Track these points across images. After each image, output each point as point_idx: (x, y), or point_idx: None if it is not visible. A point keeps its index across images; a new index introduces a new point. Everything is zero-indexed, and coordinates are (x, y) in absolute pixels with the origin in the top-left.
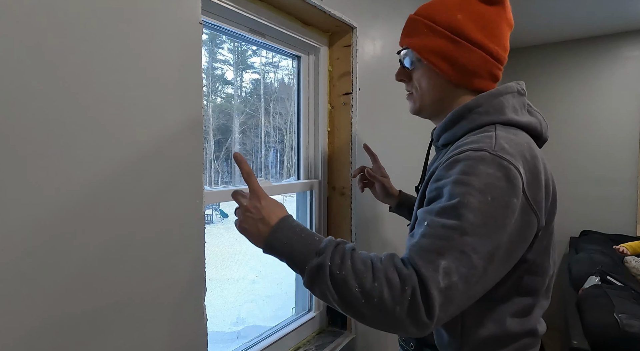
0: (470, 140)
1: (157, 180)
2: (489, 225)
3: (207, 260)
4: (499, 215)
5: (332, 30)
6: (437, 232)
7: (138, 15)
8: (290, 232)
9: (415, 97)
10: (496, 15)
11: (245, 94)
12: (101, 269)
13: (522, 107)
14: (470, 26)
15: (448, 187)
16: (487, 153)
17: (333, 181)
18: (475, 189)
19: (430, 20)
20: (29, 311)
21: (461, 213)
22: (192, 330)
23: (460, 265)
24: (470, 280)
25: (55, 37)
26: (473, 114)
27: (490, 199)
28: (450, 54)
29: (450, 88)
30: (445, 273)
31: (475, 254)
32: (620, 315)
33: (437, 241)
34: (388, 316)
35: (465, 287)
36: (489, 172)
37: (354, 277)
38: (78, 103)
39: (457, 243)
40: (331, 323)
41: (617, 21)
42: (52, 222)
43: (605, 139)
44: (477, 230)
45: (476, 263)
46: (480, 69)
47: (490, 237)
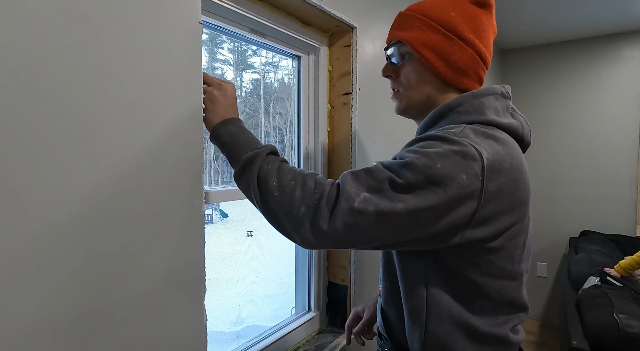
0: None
1: (157, 180)
2: (428, 189)
3: (207, 260)
4: (442, 183)
5: (332, 30)
6: (377, 174)
7: (138, 15)
8: (238, 127)
9: (402, 94)
10: (485, 18)
11: (245, 94)
12: (101, 269)
13: (504, 110)
14: (463, 25)
15: (402, 152)
16: (449, 135)
17: None
18: (425, 154)
19: (424, 15)
20: (28, 311)
21: (404, 173)
22: (192, 330)
23: (381, 203)
24: (385, 219)
25: (54, 37)
26: (453, 113)
27: (439, 166)
28: (443, 49)
29: (439, 86)
30: (365, 200)
31: (402, 203)
32: (620, 315)
33: (372, 180)
34: (292, 215)
35: (377, 222)
36: (445, 147)
37: (276, 173)
38: (77, 103)
39: (389, 192)
40: (331, 323)
41: (617, 21)
42: (52, 221)
43: (606, 139)
44: (413, 190)
45: (399, 210)
46: (470, 68)
47: (424, 198)
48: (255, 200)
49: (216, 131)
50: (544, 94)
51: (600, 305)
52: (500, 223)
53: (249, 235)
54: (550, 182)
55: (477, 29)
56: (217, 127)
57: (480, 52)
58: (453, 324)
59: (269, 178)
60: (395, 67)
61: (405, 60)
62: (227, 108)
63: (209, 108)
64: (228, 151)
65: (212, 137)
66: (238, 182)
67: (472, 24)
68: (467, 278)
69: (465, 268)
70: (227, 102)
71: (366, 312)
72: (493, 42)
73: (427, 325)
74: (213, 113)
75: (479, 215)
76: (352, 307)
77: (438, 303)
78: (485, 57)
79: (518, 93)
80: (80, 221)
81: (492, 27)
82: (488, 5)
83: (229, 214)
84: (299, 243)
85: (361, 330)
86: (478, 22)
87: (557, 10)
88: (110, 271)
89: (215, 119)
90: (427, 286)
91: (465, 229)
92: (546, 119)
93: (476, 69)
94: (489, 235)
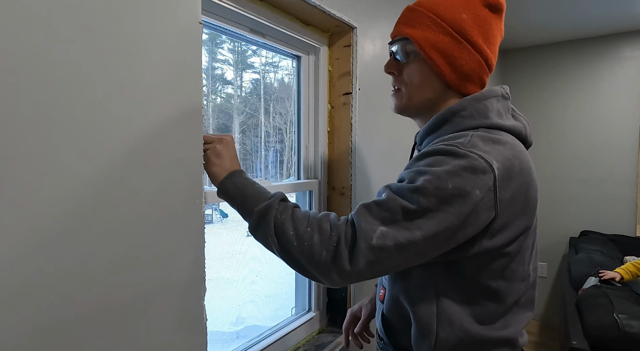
0: (445, 137)
1: (157, 180)
2: (442, 210)
3: (207, 260)
4: (455, 202)
5: (332, 30)
6: (389, 204)
7: (138, 15)
8: (243, 179)
9: (403, 93)
10: (495, 22)
11: (245, 94)
12: (100, 269)
13: (506, 111)
14: (473, 28)
15: (412, 173)
16: (457, 148)
17: (333, 181)
18: (436, 175)
19: (435, 14)
20: (28, 312)
21: (416, 198)
22: (192, 330)
23: (399, 235)
24: (405, 250)
25: (54, 37)
26: (457, 118)
27: (450, 187)
28: (451, 53)
29: (442, 89)
30: (382, 235)
31: (419, 231)
32: (620, 315)
33: (385, 212)
34: (315, 260)
35: (398, 254)
36: (454, 163)
37: (291, 222)
38: (77, 103)
39: (404, 222)
40: (331, 323)
41: (617, 21)
42: (53, 221)
43: (606, 139)
44: (427, 213)
45: (417, 239)
46: (475, 73)
47: (440, 220)
48: (275, 251)
49: (223, 185)
50: (544, 94)
51: (600, 305)
52: (516, 228)
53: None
54: (550, 182)
55: (487, 33)
56: (223, 181)
57: (487, 58)
58: (465, 330)
59: (286, 228)
60: (399, 64)
61: (410, 59)
62: (231, 160)
63: (214, 162)
64: (238, 204)
65: (219, 192)
66: (255, 235)
67: (482, 28)
68: (481, 283)
69: (480, 274)
70: (230, 154)
71: (363, 311)
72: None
73: (438, 332)
74: (219, 168)
75: (496, 225)
76: None
77: (449, 310)
78: (491, 63)
79: (518, 93)
80: (81, 221)
81: (501, 31)
82: (499, 10)
83: (229, 214)
84: (327, 284)
85: (360, 331)
86: (488, 27)
87: (557, 10)
88: (110, 271)
89: (222, 173)
90: (437, 294)
91: (483, 239)
92: (546, 119)
93: (481, 75)
94: (505, 241)
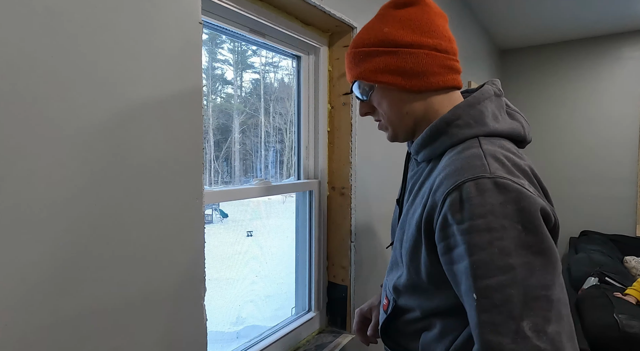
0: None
1: (157, 180)
2: (537, 253)
3: (207, 260)
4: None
5: (332, 30)
6: (494, 297)
7: (138, 15)
8: None
9: (385, 122)
10: (421, 13)
11: (245, 94)
12: (101, 269)
13: (501, 110)
14: (400, 32)
15: (466, 237)
16: (486, 179)
17: (333, 181)
18: (499, 229)
19: (362, 46)
20: (28, 311)
21: (503, 264)
22: (192, 330)
23: (541, 311)
24: (560, 315)
25: (54, 37)
26: (453, 128)
27: (520, 227)
28: (393, 65)
29: (412, 97)
30: (536, 331)
31: (546, 290)
32: (620, 315)
33: (502, 307)
34: None
35: (561, 323)
36: (499, 201)
37: None
38: (77, 103)
39: (521, 294)
40: (331, 323)
41: (617, 21)
42: (52, 221)
43: (605, 139)
44: (530, 268)
45: (552, 296)
46: (430, 65)
47: (548, 262)
48: None
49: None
50: (544, 94)
51: (600, 305)
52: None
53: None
54: (550, 182)
55: (418, 27)
56: None
57: (433, 47)
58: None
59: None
60: (366, 103)
61: (371, 94)
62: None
63: None
64: None
65: None
66: None
67: (409, 26)
68: None
69: None
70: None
71: (374, 314)
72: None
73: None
74: None
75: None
76: (352, 307)
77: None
78: (443, 47)
79: (517, 93)
80: (81, 221)
81: (435, 14)
82: (415, 2)
83: (229, 214)
84: None
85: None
86: (415, 21)
87: (557, 10)
88: (109, 271)
89: None
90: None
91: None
92: (546, 119)
93: (439, 63)
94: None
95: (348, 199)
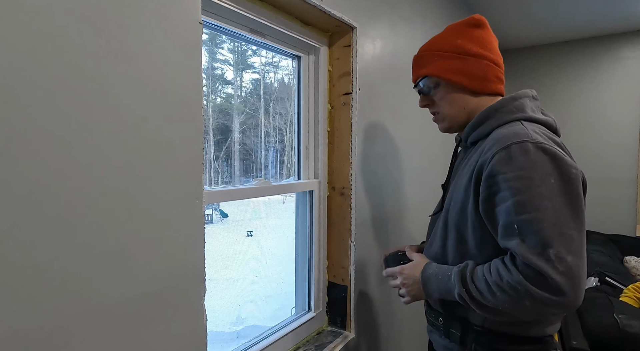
0: (503, 133)
1: (157, 180)
2: (566, 201)
3: (207, 260)
4: (568, 189)
5: (332, 30)
6: (531, 228)
7: (138, 15)
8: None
9: (443, 114)
10: (484, 33)
11: (245, 94)
12: (101, 269)
13: (537, 109)
14: (470, 45)
15: (511, 183)
16: (528, 143)
17: (333, 181)
18: (538, 179)
19: (437, 50)
20: (28, 311)
21: (539, 205)
22: (192, 330)
23: (567, 245)
24: (580, 254)
25: (53, 36)
26: (499, 113)
27: (553, 181)
28: (462, 67)
29: (470, 96)
30: (558, 257)
31: (572, 230)
32: (620, 315)
33: (535, 236)
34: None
35: (581, 260)
36: (539, 160)
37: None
38: (77, 103)
39: (550, 228)
40: (331, 323)
41: (617, 21)
42: (52, 221)
43: (606, 139)
44: (559, 211)
45: (576, 236)
46: (489, 74)
47: (573, 210)
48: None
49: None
50: (544, 94)
51: (600, 305)
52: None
53: (249, 235)
54: None
55: (482, 43)
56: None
57: (492, 59)
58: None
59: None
60: (428, 97)
61: (435, 89)
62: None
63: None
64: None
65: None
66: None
67: (477, 42)
68: None
69: None
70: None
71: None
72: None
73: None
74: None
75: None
76: (352, 307)
77: None
78: (497, 62)
79: None
80: (81, 221)
81: (492, 37)
82: (482, 24)
83: (229, 214)
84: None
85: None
86: (481, 39)
87: (557, 10)
88: (109, 271)
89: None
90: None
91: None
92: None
93: (495, 73)
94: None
95: (348, 199)
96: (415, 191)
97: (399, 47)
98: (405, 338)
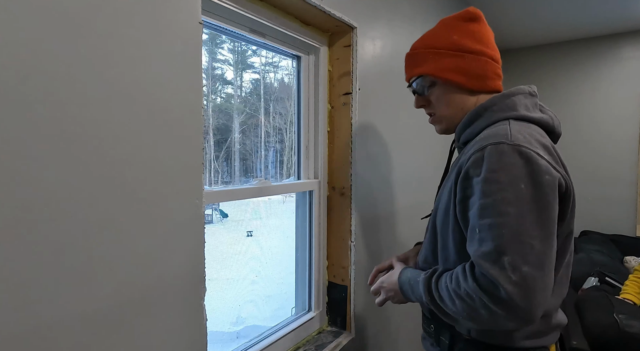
0: (486, 134)
1: (157, 180)
2: (533, 208)
3: (207, 260)
4: (537, 196)
5: (332, 30)
6: (489, 233)
7: (138, 15)
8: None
9: (440, 116)
10: (480, 27)
11: (245, 94)
12: (101, 269)
13: (534, 106)
14: (467, 41)
15: (480, 186)
16: (505, 145)
17: (333, 181)
18: (506, 183)
19: (431, 47)
20: (28, 311)
21: (502, 210)
22: (192, 330)
23: (525, 254)
24: (541, 265)
25: (54, 37)
26: (488, 112)
27: (523, 186)
28: (460, 66)
29: (468, 95)
30: (512, 266)
31: (534, 239)
32: (620, 315)
33: (493, 241)
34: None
35: (539, 272)
36: (512, 162)
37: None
38: (77, 103)
39: (510, 235)
40: (331, 323)
41: (617, 21)
42: (52, 221)
43: (606, 139)
44: (524, 218)
45: (537, 245)
46: (488, 71)
47: (539, 218)
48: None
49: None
50: (544, 94)
51: (599, 305)
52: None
53: (249, 235)
54: None
55: (480, 38)
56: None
57: (490, 56)
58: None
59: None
60: (423, 97)
61: (431, 89)
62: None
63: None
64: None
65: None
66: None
67: (474, 37)
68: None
69: None
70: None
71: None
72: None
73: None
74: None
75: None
76: (352, 307)
77: None
78: (495, 57)
79: None
80: (80, 221)
81: (489, 31)
82: (478, 18)
83: (229, 214)
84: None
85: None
86: (478, 34)
87: (557, 10)
88: (109, 271)
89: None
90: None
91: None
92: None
93: (493, 70)
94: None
95: (348, 199)
96: (415, 191)
97: (399, 47)
98: (406, 338)
